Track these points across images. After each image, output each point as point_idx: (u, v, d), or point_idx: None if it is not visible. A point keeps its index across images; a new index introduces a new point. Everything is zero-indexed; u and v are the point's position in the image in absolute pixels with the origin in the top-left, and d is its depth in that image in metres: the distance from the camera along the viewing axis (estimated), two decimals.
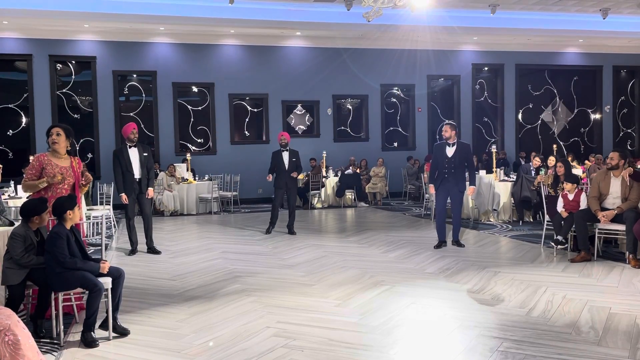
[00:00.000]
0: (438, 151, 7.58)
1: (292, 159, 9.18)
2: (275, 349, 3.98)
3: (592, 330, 4.26)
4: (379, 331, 4.32)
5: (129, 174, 7.44)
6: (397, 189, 15.13)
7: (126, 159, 7.46)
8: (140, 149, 7.55)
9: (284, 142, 9.19)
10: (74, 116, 13.71)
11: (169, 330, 4.45)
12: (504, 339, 4.09)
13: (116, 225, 10.05)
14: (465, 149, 7.56)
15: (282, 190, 9.20)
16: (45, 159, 4.85)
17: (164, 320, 4.69)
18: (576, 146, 17.41)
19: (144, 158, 7.54)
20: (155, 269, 6.74)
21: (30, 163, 4.88)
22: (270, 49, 14.73)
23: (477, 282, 5.78)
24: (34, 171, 4.81)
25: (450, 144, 7.48)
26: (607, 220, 6.55)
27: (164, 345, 4.11)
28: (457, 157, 7.43)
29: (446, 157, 7.48)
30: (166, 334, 4.34)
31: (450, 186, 7.49)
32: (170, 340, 4.20)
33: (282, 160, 9.15)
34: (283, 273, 6.40)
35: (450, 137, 7.47)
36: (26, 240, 4.22)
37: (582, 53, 17.03)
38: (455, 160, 7.42)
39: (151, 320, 4.72)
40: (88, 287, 4.11)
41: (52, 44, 13.24)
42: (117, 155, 7.56)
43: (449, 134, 7.48)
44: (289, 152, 9.21)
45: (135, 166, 7.47)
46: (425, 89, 16.00)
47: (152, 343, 4.16)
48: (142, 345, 4.13)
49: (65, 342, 4.21)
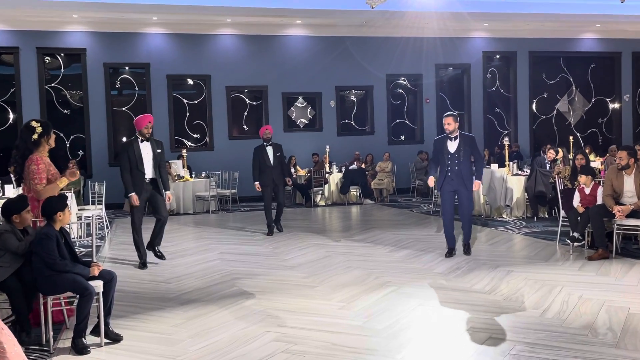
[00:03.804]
0: (438, 147, 7.09)
1: (277, 154, 9.07)
2: (276, 354, 3.99)
3: (609, 331, 4.25)
4: (384, 335, 4.33)
5: (138, 172, 6.76)
6: (405, 184, 15.11)
7: (137, 154, 6.77)
8: (154, 144, 6.93)
9: (269, 136, 9.09)
10: (63, 111, 13.75)
11: (163, 335, 4.46)
12: (516, 341, 4.09)
13: (109, 226, 10.08)
14: (470, 141, 7.04)
15: (270, 188, 9.11)
16: (45, 159, 4.89)
17: (158, 325, 4.71)
18: (594, 138, 17.34)
19: (158, 155, 6.92)
20: (150, 272, 6.76)
21: (37, 167, 4.76)
22: (269, 39, 14.72)
23: (488, 282, 5.77)
24: (45, 175, 4.80)
25: (452, 137, 6.98)
26: (623, 215, 6.53)
27: (158, 351, 4.13)
28: (461, 152, 6.92)
29: (448, 153, 6.96)
30: (161, 340, 4.36)
31: (456, 185, 6.96)
32: (165, 346, 4.22)
33: (267, 155, 9.04)
34: (284, 274, 6.41)
35: (453, 130, 6.95)
36: (16, 234, 4.31)
37: (600, 39, 16.94)
38: (459, 155, 6.91)
39: (145, 325, 4.74)
40: (78, 291, 4.14)
41: (40, 36, 13.26)
42: (126, 148, 6.85)
43: (452, 127, 6.92)
44: (273, 146, 9.10)
45: (147, 164, 6.82)
46: (434, 79, 15.96)
47: (146, 349, 4.17)
48: (136, 351, 4.15)
49: (55, 349, 4.23)
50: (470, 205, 7.19)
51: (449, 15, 13.70)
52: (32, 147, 4.87)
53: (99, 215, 9.55)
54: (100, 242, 8.95)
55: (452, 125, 6.93)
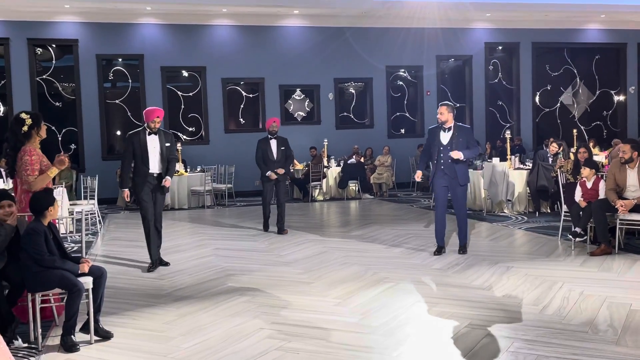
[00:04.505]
0: (431, 137, 6.86)
1: (281, 148, 8.83)
2: (269, 351, 3.98)
3: (610, 328, 4.25)
4: (380, 332, 4.32)
5: (142, 165, 6.46)
6: (405, 179, 15.09)
7: (142, 145, 6.46)
8: (162, 137, 6.61)
9: (276, 129, 8.81)
10: (55, 104, 13.72)
11: (155, 333, 4.46)
12: (515, 338, 4.08)
13: (102, 222, 10.06)
14: (465, 132, 6.76)
15: (271, 184, 8.91)
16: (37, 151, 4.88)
17: (150, 323, 4.70)
18: (598, 131, 17.32)
19: (166, 149, 6.58)
20: (142, 268, 6.74)
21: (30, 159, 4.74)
22: (266, 29, 14.66)
23: (488, 279, 5.77)
24: (38, 166, 4.78)
25: (446, 128, 6.73)
26: (626, 210, 6.51)
27: (150, 349, 4.12)
28: (454, 145, 6.64)
29: (441, 145, 6.71)
30: (152, 337, 4.35)
31: (449, 179, 6.73)
32: (156, 344, 4.21)
33: (271, 149, 8.76)
34: (280, 271, 6.40)
35: (447, 121, 6.70)
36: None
37: (605, 29, 16.89)
38: (451, 148, 6.64)
39: (136, 322, 4.73)
40: (67, 288, 4.12)
41: (31, 27, 13.21)
42: (131, 138, 6.54)
43: (445, 117, 6.66)
44: (277, 139, 8.86)
45: (153, 157, 6.49)
46: (435, 71, 15.92)
47: (137, 347, 4.17)
48: (126, 349, 4.14)
49: (44, 346, 4.23)
50: (464, 202, 6.93)
51: (450, 5, 13.67)
52: (22, 140, 4.86)
53: (91, 211, 9.53)
54: (92, 237, 8.94)
55: (444, 116, 6.68)
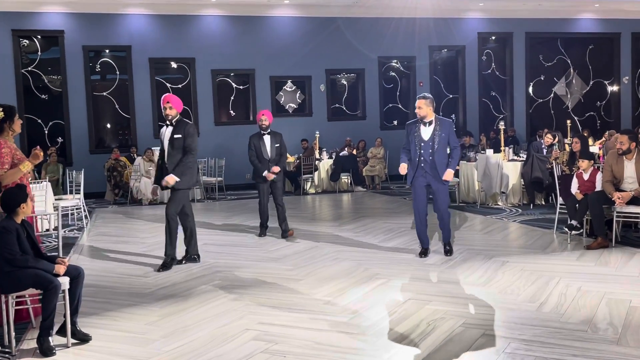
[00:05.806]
0: (410, 132, 6.30)
1: (276, 145, 8.04)
2: (254, 354, 3.80)
3: (610, 327, 4.09)
4: (371, 332, 4.14)
5: (161, 158, 6.44)
6: (398, 171, 14.86)
7: (161, 138, 6.44)
8: (176, 128, 6.27)
9: (266, 124, 7.90)
10: (41, 97, 13.45)
11: (135, 334, 4.26)
12: (511, 338, 3.91)
13: (88, 216, 9.84)
14: (447, 127, 6.23)
15: (267, 184, 8.06)
16: (9, 144, 4.71)
17: (130, 324, 4.50)
18: (592, 121, 17.21)
19: (176, 141, 6.24)
20: (127, 265, 6.55)
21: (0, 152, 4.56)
22: (256, 19, 14.41)
23: (482, 274, 5.60)
24: (9, 158, 4.60)
25: (426, 122, 6.22)
26: (623, 202, 6.37)
27: (129, 352, 3.93)
28: (435, 140, 6.15)
29: (421, 141, 6.20)
30: (132, 340, 4.16)
31: (430, 178, 6.25)
32: (136, 347, 4.02)
33: (264, 145, 7.91)
34: (268, 267, 6.22)
35: (426, 115, 6.17)
36: None
37: (598, 19, 16.74)
38: (433, 144, 6.16)
39: (116, 323, 4.53)
40: (42, 286, 3.93)
41: (15, 17, 12.90)
42: None
43: (424, 112, 6.13)
44: (271, 135, 7.99)
45: (166, 149, 6.32)
46: (427, 61, 15.72)
47: (116, 350, 3.97)
48: (104, 352, 3.94)
49: (18, 350, 4.03)
50: (447, 200, 6.44)
51: None
52: None
53: (77, 205, 9.31)
54: (78, 233, 8.72)
55: (423, 110, 6.14)
